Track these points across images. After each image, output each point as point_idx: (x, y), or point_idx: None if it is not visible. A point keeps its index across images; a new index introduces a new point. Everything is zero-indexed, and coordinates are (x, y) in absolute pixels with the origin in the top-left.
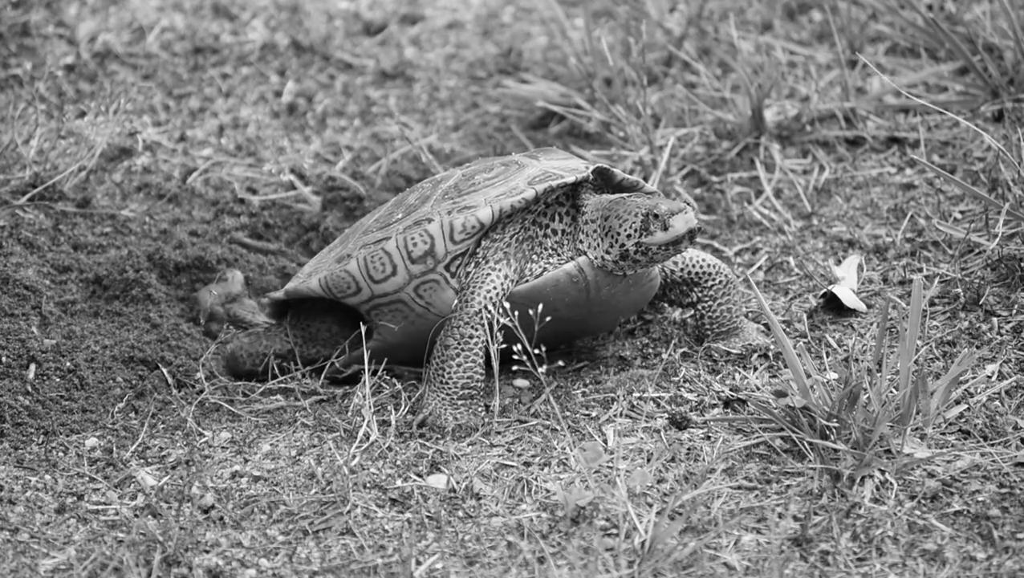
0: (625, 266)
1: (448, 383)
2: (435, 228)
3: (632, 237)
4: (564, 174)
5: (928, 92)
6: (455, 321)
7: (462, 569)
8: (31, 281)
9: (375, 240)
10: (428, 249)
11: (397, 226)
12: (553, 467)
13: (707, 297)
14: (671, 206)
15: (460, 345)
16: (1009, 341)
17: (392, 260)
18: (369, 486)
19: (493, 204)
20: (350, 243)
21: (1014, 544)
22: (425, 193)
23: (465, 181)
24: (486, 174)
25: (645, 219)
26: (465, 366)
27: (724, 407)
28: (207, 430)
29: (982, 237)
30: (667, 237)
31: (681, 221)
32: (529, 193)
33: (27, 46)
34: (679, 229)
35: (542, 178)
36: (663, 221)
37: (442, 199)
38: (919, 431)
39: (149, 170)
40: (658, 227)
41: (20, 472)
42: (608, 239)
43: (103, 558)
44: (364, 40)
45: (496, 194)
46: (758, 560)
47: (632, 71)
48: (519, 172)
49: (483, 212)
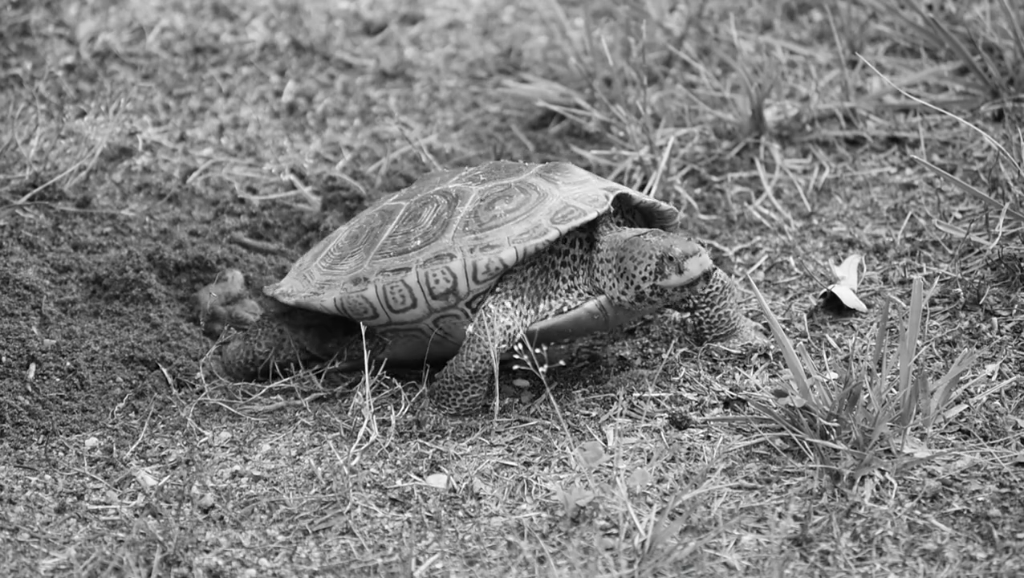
0: (641, 307)
1: (451, 408)
2: (458, 267)
3: (648, 280)
4: (586, 209)
5: (928, 92)
6: (470, 354)
7: (462, 569)
8: (31, 281)
9: (394, 269)
10: (450, 288)
11: (416, 257)
12: (553, 467)
13: (704, 303)
14: (685, 248)
15: (471, 378)
16: (1009, 341)
17: (412, 294)
18: (369, 486)
19: (517, 245)
20: (365, 260)
21: (1014, 544)
22: (440, 212)
23: (485, 210)
24: (506, 204)
25: (660, 262)
26: (471, 397)
27: (724, 407)
28: (207, 430)
29: (982, 237)
30: (682, 280)
31: (696, 264)
32: (552, 234)
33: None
34: (694, 272)
35: (564, 215)
36: (677, 264)
37: (463, 230)
38: (919, 431)
39: (149, 170)
40: (673, 270)
41: (20, 472)
42: (623, 280)
43: (103, 558)
44: (364, 40)
45: (519, 232)
46: (758, 560)
47: (632, 71)
48: (540, 204)
49: (507, 253)
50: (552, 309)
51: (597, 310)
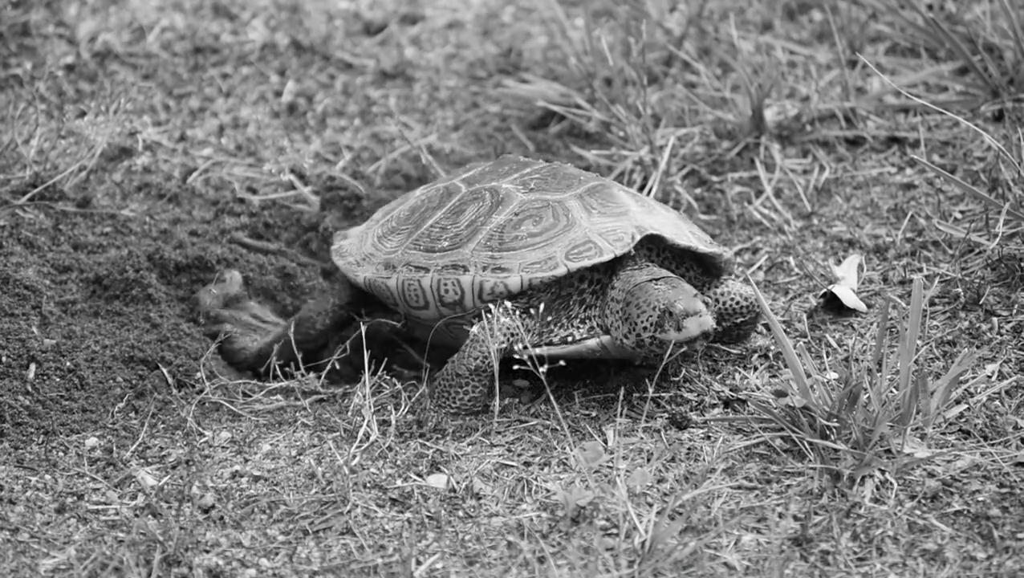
0: (641, 353)
1: (451, 407)
2: (467, 282)
3: (648, 330)
4: (603, 248)
5: (928, 92)
6: (471, 352)
7: (462, 569)
8: (31, 281)
9: (417, 265)
10: (457, 300)
11: (438, 261)
12: (553, 467)
13: (732, 327)
14: (687, 306)
15: (471, 375)
16: (1009, 341)
17: (425, 296)
18: (369, 486)
19: (524, 274)
20: (403, 245)
21: (1014, 544)
22: (479, 215)
23: (512, 228)
24: (533, 226)
25: (661, 316)
26: (472, 396)
27: (724, 407)
28: (207, 430)
29: (982, 237)
30: (680, 337)
31: (695, 324)
32: (560, 271)
33: (27, 46)
34: (692, 332)
35: (581, 251)
36: (677, 321)
37: (484, 245)
38: (919, 431)
39: (149, 170)
40: (672, 326)
41: (20, 472)
42: (627, 325)
43: (103, 558)
44: (364, 40)
45: (531, 261)
46: (758, 560)
47: (632, 71)
48: (564, 234)
49: (513, 281)
50: (557, 336)
51: (598, 348)
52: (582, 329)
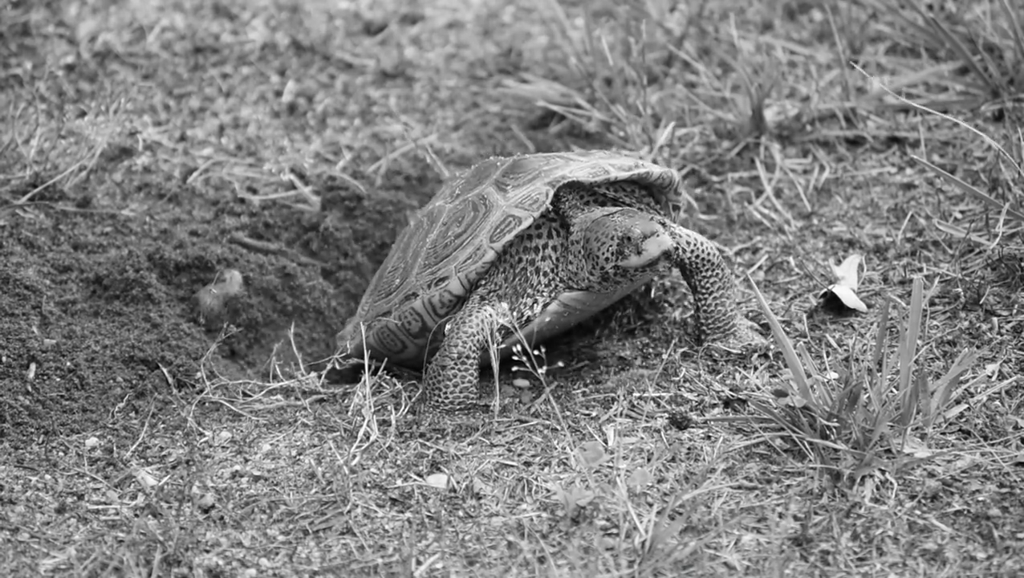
0: (608, 286)
1: (444, 402)
2: (419, 306)
3: (610, 261)
4: (522, 216)
5: (928, 92)
6: (452, 341)
7: (462, 569)
8: (31, 281)
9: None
10: (421, 327)
11: (395, 298)
12: (553, 467)
13: (703, 289)
14: (644, 228)
15: (456, 365)
16: (1009, 341)
17: (398, 337)
18: (369, 486)
19: (460, 274)
20: (370, 299)
21: (1014, 544)
22: (418, 242)
23: (442, 237)
24: (457, 227)
25: (620, 243)
26: (462, 386)
27: (724, 407)
28: (207, 430)
29: (982, 237)
30: (641, 261)
31: (654, 245)
32: (490, 256)
33: (27, 46)
34: (652, 253)
35: (502, 229)
36: (636, 245)
37: (423, 265)
38: (919, 431)
39: (149, 170)
40: (632, 251)
41: (20, 472)
42: (590, 262)
43: (103, 558)
44: (364, 40)
45: (463, 259)
46: (758, 560)
47: (632, 71)
48: (485, 221)
49: (454, 284)
50: (527, 307)
51: (561, 309)
52: (549, 290)
